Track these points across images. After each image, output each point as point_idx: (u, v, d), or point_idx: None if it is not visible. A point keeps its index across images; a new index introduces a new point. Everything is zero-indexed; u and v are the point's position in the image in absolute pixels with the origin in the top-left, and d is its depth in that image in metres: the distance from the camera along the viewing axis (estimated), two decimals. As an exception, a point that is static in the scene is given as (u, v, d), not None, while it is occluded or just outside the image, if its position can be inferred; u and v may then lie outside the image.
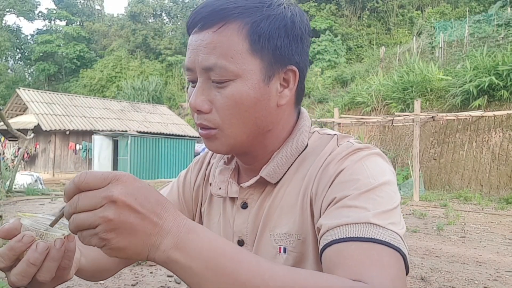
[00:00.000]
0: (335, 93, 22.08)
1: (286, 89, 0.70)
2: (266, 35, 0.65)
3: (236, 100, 0.65)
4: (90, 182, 0.47)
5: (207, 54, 0.65)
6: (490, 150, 12.64)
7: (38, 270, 0.54)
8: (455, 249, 5.73)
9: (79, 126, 20.13)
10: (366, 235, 0.56)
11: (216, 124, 0.68)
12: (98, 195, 0.47)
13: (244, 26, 0.65)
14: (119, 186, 0.47)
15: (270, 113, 0.69)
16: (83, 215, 0.47)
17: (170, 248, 0.48)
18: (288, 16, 0.68)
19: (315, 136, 0.76)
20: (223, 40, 0.64)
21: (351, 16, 30.74)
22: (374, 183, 0.62)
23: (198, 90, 0.67)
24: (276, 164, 0.73)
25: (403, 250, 0.57)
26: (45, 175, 18.24)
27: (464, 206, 10.27)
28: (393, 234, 0.57)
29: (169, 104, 31.54)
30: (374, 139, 15.81)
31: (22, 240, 0.54)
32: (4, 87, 36.29)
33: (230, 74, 0.65)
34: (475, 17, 19.83)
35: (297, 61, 0.70)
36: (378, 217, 0.58)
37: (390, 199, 0.62)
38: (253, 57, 0.65)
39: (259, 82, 0.66)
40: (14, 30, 42.97)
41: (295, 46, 0.69)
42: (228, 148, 0.71)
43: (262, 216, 0.73)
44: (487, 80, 12.76)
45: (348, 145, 0.70)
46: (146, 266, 4.75)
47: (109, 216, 0.46)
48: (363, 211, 0.59)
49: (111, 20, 45.17)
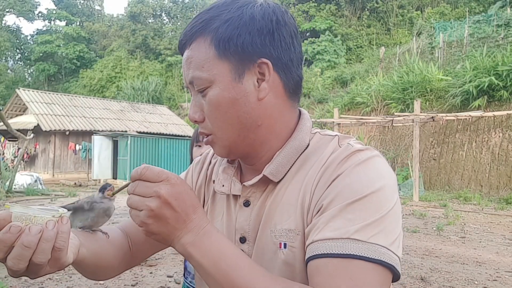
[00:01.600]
0: (335, 93, 22.09)
1: (263, 82, 0.72)
2: (226, 37, 0.70)
3: (214, 104, 0.71)
4: (148, 175, 0.63)
5: (187, 69, 0.73)
6: (489, 151, 12.64)
7: (33, 253, 0.56)
8: (455, 249, 5.73)
9: (79, 126, 20.12)
10: (344, 251, 0.60)
11: (209, 130, 0.75)
12: (150, 188, 0.62)
13: (208, 35, 0.71)
14: (168, 186, 0.62)
15: (252, 109, 0.72)
16: (136, 198, 0.63)
17: (188, 243, 0.64)
18: (246, 15, 0.70)
19: (316, 136, 0.78)
20: (194, 54, 0.72)
21: (351, 17, 30.74)
22: (365, 192, 0.63)
23: (192, 102, 0.76)
24: (279, 163, 0.75)
25: (386, 260, 0.60)
26: (44, 175, 18.23)
27: (463, 206, 10.27)
28: (375, 247, 0.60)
29: (169, 104, 31.52)
30: (374, 139, 15.81)
31: (10, 230, 0.56)
32: (4, 87, 36.24)
33: (205, 82, 0.71)
34: (474, 18, 19.84)
35: (268, 53, 0.71)
36: (360, 232, 0.61)
37: (379, 208, 0.63)
38: (220, 61, 0.70)
39: (230, 82, 0.70)
40: (14, 30, 42.94)
41: (261, 40, 0.70)
42: (227, 150, 0.76)
43: (264, 214, 0.75)
44: (486, 81, 12.77)
45: (348, 147, 0.71)
46: (146, 266, 4.75)
47: (152, 206, 0.61)
48: (346, 224, 0.62)
49: (111, 20, 45.14)
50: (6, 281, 3.93)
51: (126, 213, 8.49)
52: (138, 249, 0.88)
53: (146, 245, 0.89)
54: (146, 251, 0.91)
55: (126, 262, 0.87)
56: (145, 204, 0.62)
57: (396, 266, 0.61)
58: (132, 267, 0.92)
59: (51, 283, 4.03)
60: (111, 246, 0.82)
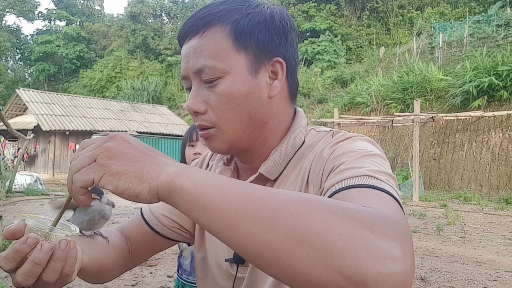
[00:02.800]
0: (335, 93, 22.09)
1: (276, 80, 0.73)
2: (247, 30, 0.69)
3: (227, 95, 0.69)
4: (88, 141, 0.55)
5: (196, 58, 0.69)
6: (489, 151, 12.64)
7: (43, 271, 0.55)
8: (455, 249, 5.73)
9: (79, 127, 20.12)
10: (365, 183, 0.57)
11: (213, 122, 0.71)
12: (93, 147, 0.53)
13: (226, 26, 0.69)
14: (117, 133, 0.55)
15: (263, 105, 0.72)
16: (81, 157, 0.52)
17: (173, 172, 0.50)
18: (267, 12, 0.72)
19: (311, 133, 0.79)
20: (208, 42, 0.69)
21: (350, 17, 30.74)
22: (370, 152, 0.65)
23: (193, 93, 0.72)
24: (275, 160, 0.75)
25: (400, 202, 0.56)
26: (44, 176, 18.24)
27: (463, 207, 10.27)
28: (390, 187, 0.57)
29: (169, 104, 31.51)
30: (374, 139, 15.76)
31: (27, 242, 0.54)
32: (4, 87, 36.21)
33: (219, 72, 0.68)
34: (474, 18, 19.83)
35: (283, 53, 0.73)
36: (375, 173, 0.59)
37: (384, 165, 0.64)
38: (238, 53, 0.69)
39: (246, 75, 0.70)
40: (14, 30, 42.92)
41: (278, 39, 0.72)
42: (228, 145, 0.73)
43: None
44: (486, 81, 12.77)
45: (341, 134, 0.74)
46: (146, 267, 4.76)
47: (108, 145, 0.52)
48: (359, 169, 0.60)
49: (111, 20, 45.13)
50: (6, 281, 3.93)
51: (127, 213, 8.48)
52: (137, 251, 0.88)
53: (146, 248, 0.89)
54: (146, 253, 0.90)
55: (126, 265, 0.87)
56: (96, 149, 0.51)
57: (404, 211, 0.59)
58: (131, 269, 0.92)
59: (51, 283, 4.03)
60: (112, 250, 0.81)
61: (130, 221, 0.93)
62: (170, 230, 0.88)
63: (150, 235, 0.88)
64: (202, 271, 0.86)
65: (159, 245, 0.90)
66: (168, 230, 0.88)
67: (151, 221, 0.88)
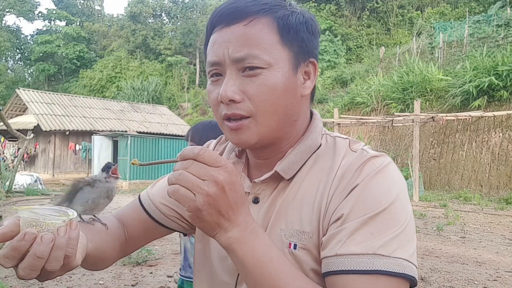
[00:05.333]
0: (335, 93, 22.08)
1: (308, 80, 0.75)
2: (294, 28, 0.71)
3: (270, 87, 0.69)
4: (206, 157, 0.59)
5: (239, 45, 0.68)
6: (489, 151, 12.64)
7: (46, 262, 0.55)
8: (455, 249, 5.73)
9: (79, 127, 20.12)
10: (372, 268, 0.61)
11: (249, 112, 0.70)
12: (208, 170, 0.59)
13: (274, 20, 0.70)
14: (226, 173, 0.59)
15: (297, 103, 0.74)
16: (191, 176, 0.58)
17: (233, 238, 0.62)
18: (307, 14, 0.75)
19: (327, 138, 0.79)
20: (255, 33, 0.69)
21: (350, 17, 30.72)
22: (385, 204, 0.65)
23: (229, 81, 0.70)
24: (291, 160, 0.75)
25: (408, 273, 0.63)
26: (44, 176, 18.23)
27: (463, 207, 10.27)
28: (398, 261, 0.62)
29: (169, 104, 31.50)
30: (374, 139, 15.81)
31: (24, 238, 0.54)
32: (4, 87, 36.18)
33: (263, 63, 0.68)
34: (474, 18, 19.83)
35: (316, 55, 0.76)
36: (384, 247, 0.63)
37: (398, 220, 0.65)
38: (283, 48, 0.70)
39: (289, 70, 0.71)
40: (14, 31, 42.90)
41: (315, 41, 0.75)
42: (258, 138, 0.72)
43: (274, 212, 0.74)
44: (486, 81, 12.76)
45: (363, 153, 0.72)
46: (146, 267, 4.76)
47: (209, 191, 0.58)
48: (370, 238, 0.63)
49: (111, 20, 45.10)
50: (6, 281, 3.93)
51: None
52: (134, 238, 0.89)
53: (142, 235, 0.89)
54: (142, 240, 0.91)
55: (122, 252, 0.87)
56: (201, 187, 0.58)
57: (416, 276, 0.64)
58: (125, 256, 0.92)
59: (51, 283, 4.03)
60: (110, 237, 0.81)
61: (128, 208, 0.92)
62: (169, 219, 0.88)
63: (148, 223, 0.88)
64: (200, 262, 0.86)
65: (156, 233, 0.91)
66: (167, 219, 0.88)
67: (150, 209, 0.88)
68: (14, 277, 4.18)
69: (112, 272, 4.50)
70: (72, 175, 19.70)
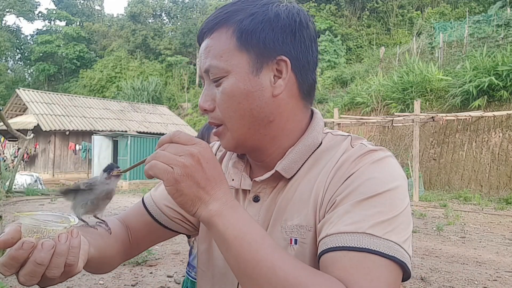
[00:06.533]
0: (335, 93, 22.09)
1: (280, 79, 0.73)
2: (249, 30, 0.70)
3: (228, 94, 0.71)
4: (181, 138, 0.62)
5: (205, 58, 0.73)
6: (489, 151, 12.64)
7: (46, 268, 0.54)
8: (455, 249, 5.73)
9: (79, 127, 20.12)
10: (360, 245, 0.60)
11: (219, 119, 0.74)
12: (183, 147, 0.61)
13: (230, 26, 0.72)
14: (200, 148, 0.62)
15: (266, 104, 0.72)
16: (167, 152, 0.61)
17: (214, 211, 0.61)
18: (272, 11, 0.72)
19: (328, 136, 0.79)
20: (214, 43, 0.72)
21: (350, 17, 30.73)
22: (380, 190, 0.65)
23: (204, 92, 0.75)
24: (291, 159, 0.75)
25: (399, 258, 0.61)
26: (44, 176, 18.23)
27: (463, 207, 10.27)
28: (389, 243, 0.61)
29: (169, 104, 31.51)
30: (374, 140, 15.80)
31: (23, 247, 0.54)
32: (4, 87, 36.17)
33: (222, 71, 0.71)
34: (474, 18, 19.83)
35: (289, 52, 0.72)
36: (375, 227, 0.62)
37: (393, 207, 0.64)
38: (240, 53, 0.71)
39: (247, 74, 0.71)
40: (14, 30, 42.89)
41: (283, 38, 0.72)
42: (234, 143, 0.75)
43: (274, 210, 0.75)
44: (486, 81, 12.76)
45: (362, 146, 0.73)
46: (146, 267, 4.76)
47: (186, 163, 0.60)
48: (361, 219, 0.62)
49: (111, 20, 45.09)
50: (6, 281, 3.93)
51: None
52: (138, 241, 0.88)
53: (146, 238, 0.89)
54: (146, 243, 0.91)
55: (126, 255, 0.87)
56: (178, 160, 0.60)
57: (408, 264, 0.62)
58: (129, 259, 0.92)
59: (51, 283, 4.03)
60: (114, 241, 0.81)
61: (131, 210, 0.92)
62: (173, 221, 0.88)
63: (152, 226, 0.88)
64: (205, 262, 0.85)
65: (160, 235, 0.90)
66: (171, 221, 0.88)
67: (153, 212, 0.88)
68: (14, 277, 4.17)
69: (112, 272, 4.50)
70: (72, 175, 19.71)
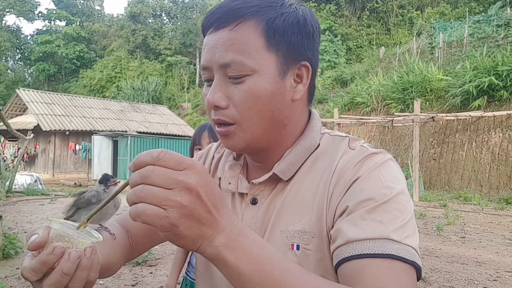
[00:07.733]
0: (335, 93, 22.09)
1: (300, 84, 0.72)
2: (281, 31, 0.68)
3: (253, 94, 0.67)
4: (168, 161, 0.48)
5: (224, 51, 0.67)
6: (489, 151, 12.64)
7: (70, 280, 0.53)
8: (455, 249, 5.73)
9: (79, 127, 20.12)
10: (386, 252, 0.59)
11: (234, 119, 0.69)
12: (174, 177, 0.48)
13: (260, 23, 0.68)
14: (196, 175, 0.49)
15: (285, 108, 0.71)
16: (155, 189, 0.48)
17: (222, 245, 0.52)
18: (300, 14, 0.71)
19: (326, 137, 0.78)
20: (239, 37, 0.67)
21: (350, 17, 30.74)
22: (390, 194, 0.64)
23: (216, 86, 0.69)
24: (289, 161, 0.74)
25: (417, 262, 0.61)
26: (44, 176, 18.23)
27: (463, 207, 10.27)
28: (409, 248, 0.61)
29: (169, 104, 31.52)
30: (374, 139, 15.81)
31: (54, 252, 0.53)
32: (4, 87, 36.20)
33: (247, 69, 0.67)
34: (474, 18, 19.84)
35: (310, 57, 0.72)
36: (395, 232, 0.61)
37: (405, 210, 0.64)
38: (269, 53, 0.68)
39: (275, 76, 0.68)
40: (14, 30, 42.92)
41: (308, 43, 0.71)
42: (246, 144, 0.72)
43: (273, 213, 0.74)
44: (486, 81, 12.77)
45: (363, 149, 0.71)
46: (146, 267, 4.76)
47: (183, 202, 0.48)
48: (380, 225, 0.61)
49: (111, 20, 45.12)
50: (6, 281, 3.93)
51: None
52: (138, 244, 0.88)
53: (147, 240, 0.88)
54: (146, 245, 0.90)
55: (127, 258, 0.87)
56: (172, 199, 0.47)
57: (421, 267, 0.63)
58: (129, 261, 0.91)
59: (51, 283, 4.02)
60: (117, 246, 0.81)
61: None
62: None
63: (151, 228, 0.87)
64: (203, 264, 0.84)
65: (160, 238, 0.89)
66: None
67: None
68: (14, 277, 4.18)
69: (112, 272, 4.49)
70: (72, 175, 19.71)
